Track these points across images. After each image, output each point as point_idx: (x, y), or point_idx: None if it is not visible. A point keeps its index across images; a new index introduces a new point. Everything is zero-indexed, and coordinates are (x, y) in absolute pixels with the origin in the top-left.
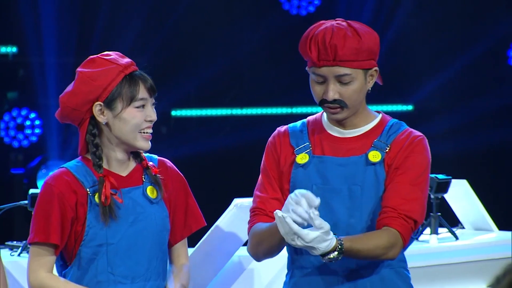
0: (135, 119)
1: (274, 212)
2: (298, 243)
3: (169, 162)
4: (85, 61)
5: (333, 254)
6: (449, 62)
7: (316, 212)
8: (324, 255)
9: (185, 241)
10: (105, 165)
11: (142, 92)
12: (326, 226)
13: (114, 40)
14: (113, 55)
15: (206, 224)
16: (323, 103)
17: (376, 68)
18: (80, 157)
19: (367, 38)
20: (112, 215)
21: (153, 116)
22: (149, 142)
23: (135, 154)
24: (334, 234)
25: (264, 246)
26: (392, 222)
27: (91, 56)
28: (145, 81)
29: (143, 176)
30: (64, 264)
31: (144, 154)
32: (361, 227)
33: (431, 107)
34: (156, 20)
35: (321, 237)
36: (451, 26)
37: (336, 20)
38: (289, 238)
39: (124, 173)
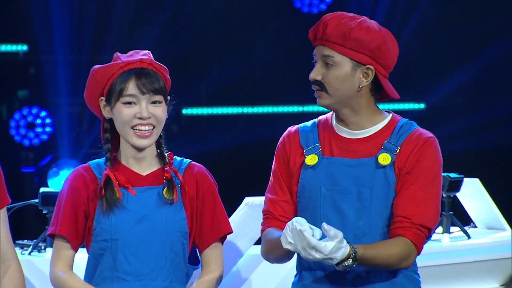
0: (122, 115)
1: (292, 227)
2: (317, 256)
3: (198, 167)
4: None
5: (347, 261)
6: (464, 60)
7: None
8: (338, 263)
9: (215, 246)
10: (124, 162)
11: (131, 89)
12: (340, 234)
13: (125, 38)
14: (132, 52)
15: (232, 231)
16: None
17: (372, 67)
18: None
19: (363, 30)
20: (115, 206)
21: (144, 114)
22: (146, 140)
23: (161, 155)
24: (347, 242)
25: (273, 255)
26: (406, 233)
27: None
28: (139, 78)
29: (164, 178)
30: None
31: (175, 156)
32: (369, 229)
33: (444, 106)
34: (167, 19)
35: (337, 246)
36: (466, 25)
37: (362, 17)
38: (306, 253)
39: (143, 172)
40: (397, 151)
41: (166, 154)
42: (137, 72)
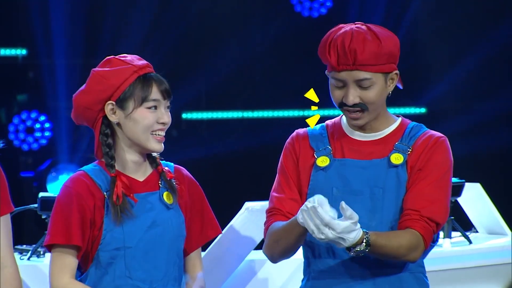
0: (146, 120)
1: (304, 204)
2: (329, 235)
3: (185, 170)
4: (102, 62)
5: (359, 246)
6: (462, 64)
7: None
8: (350, 248)
9: (199, 249)
10: (121, 169)
11: (155, 94)
12: (356, 216)
13: (124, 42)
14: (129, 57)
15: (221, 232)
16: (342, 105)
17: (397, 71)
18: (97, 161)
19: (387, 42)
20: (125, 215)
21: (166, 119)
22: (162, 144)
23: (151, 159)
24: (360, 227)
25: (280, 245)
26: (414, 225)
27: (108, 57)
28: (159, 83)
29: (160, 182)
30: (79, 270)
31: (160, 161)
32: (381, 230)
33: (445, 110)
34: (167, 22)
35: (350, 227)
36: (464, 27)
37: (355, 24)
38: (319, 231)
39: (140, 178)
40: (409, 151)
41: (155, 156)
42: (153, 77)
